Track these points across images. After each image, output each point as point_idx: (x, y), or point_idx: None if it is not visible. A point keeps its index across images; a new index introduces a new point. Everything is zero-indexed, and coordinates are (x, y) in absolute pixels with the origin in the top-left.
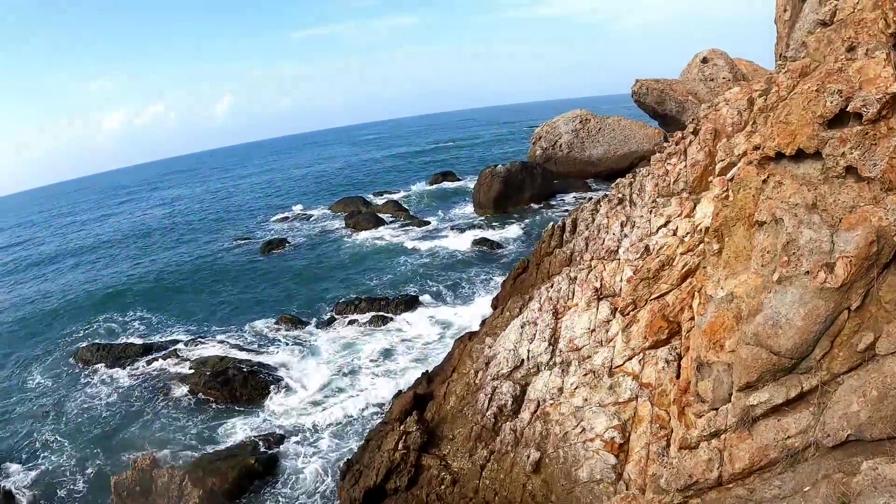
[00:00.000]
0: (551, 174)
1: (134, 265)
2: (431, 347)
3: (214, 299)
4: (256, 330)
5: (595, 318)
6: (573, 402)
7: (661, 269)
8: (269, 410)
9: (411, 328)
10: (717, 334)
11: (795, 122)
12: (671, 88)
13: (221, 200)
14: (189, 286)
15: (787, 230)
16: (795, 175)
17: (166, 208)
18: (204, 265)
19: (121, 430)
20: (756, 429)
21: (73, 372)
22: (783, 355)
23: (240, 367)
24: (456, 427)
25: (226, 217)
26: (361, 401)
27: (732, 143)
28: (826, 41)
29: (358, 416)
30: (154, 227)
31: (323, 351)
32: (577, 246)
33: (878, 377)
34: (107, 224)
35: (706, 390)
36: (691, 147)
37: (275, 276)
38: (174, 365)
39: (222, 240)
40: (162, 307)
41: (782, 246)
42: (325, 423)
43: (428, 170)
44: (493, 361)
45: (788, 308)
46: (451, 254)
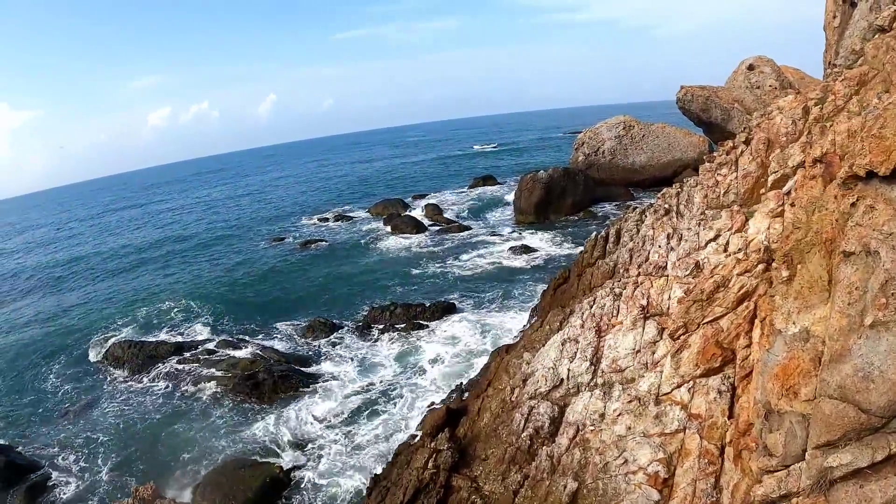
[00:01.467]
0: (594, 181)
1: (168, 263)
2: (467, 358)
3: (248, 299)
4: (289, 332)
5: (641, 339)
6: (615, 430)
7: (715, 290)
8: (298, 416)
9: (447, 337)
10: (790, 379)
11: (891, 136)
12: (717, 95)
13: (260, 200)
14: (223, 285)
15: (885, 266)
16: (890, 199)
17: (205, 207)
18: (239, 265)
19: (148, 430)
20: (833, 494)
21: (103, 368)
22: (873, 413)
23: (270, 370)
24: (489, 447)
25: (264, 216)
26: (392, 411)
27: (787, 153)
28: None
29: (388, 428)
30: (191, 225)
31: (356, 357)
32: (620, 258)
33: None
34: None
35: (776, 444)
36: (743, 157)
37: (310, 278)
38: (205, 365)
39: (259, 239)
40: (195, 306)
41: (879, 285)
42: (354, 432)
43: (469, 173)
44: (530, 379)
45: (883, 358)
46: (490, 260)
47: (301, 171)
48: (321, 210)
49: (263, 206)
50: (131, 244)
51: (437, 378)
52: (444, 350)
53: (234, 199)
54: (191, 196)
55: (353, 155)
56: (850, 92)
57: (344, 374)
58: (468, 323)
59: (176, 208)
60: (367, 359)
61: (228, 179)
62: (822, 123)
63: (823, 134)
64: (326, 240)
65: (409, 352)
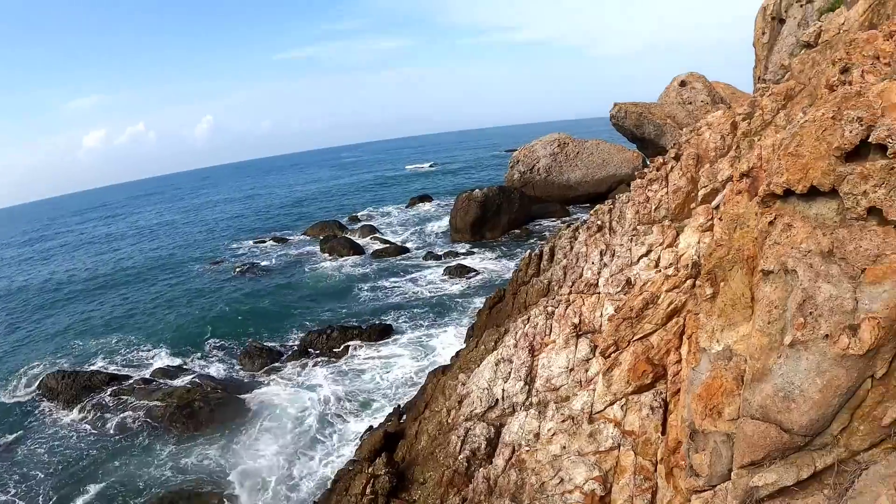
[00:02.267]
0: (529, 198)
1: (102, 288)
2: (404, 380)
3: (183, 326)
4: (225, 358)
5: (574, 357)
6: (550, 449)
7: (644, 307)
8: (235, 445)
9: (383, 359)
10: (714, 398)
11: (808, 154)
12: (649, 112)
13: (194, 224)
14: (158, 313)
15: (803, 285)
16: (807, 216)
17: (139, 230)
18: (173, 291)
19: (84, 464)
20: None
21: (33, 401)
22: (796, 433)
23: (207, 398)
24: (427, 470)
25: (199, 241)
26: (331, 437)
27: (716, 168)
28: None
29: (327, 454)
30: (124, 251)
31: (293, 382)
32: (554, 275)
33: None
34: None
35: (701, 464)
36: (673, 173)
37: (246, 302)
38: (140, 395)
39: (193, 264)
40: (129, 335)
41: (797, 304)
42: (293, 459)
43: (405, 193)
44: (466, 400)
45: (803, 378)
46: (427, 281)
47: (237, 194)
48: (257, 233)
49: (198, 229)
50: (62, 273)
51: (374, 401)
52: (381, 372)
53: (168, 223)
54: (123, 221)
55: (290, 176)
56: (777, 106)
57: (281, 400)
58: (405, 344)
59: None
60: (304, 383)
61: (163, 203)
62: (749, 138)
63: (751, 148)
64: (263, 263)
65: (345, 375)
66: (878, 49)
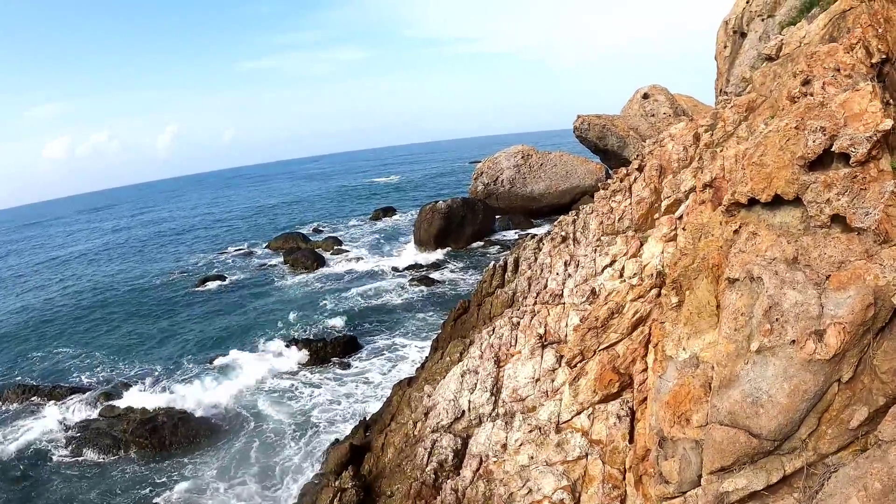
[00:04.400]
0: (493, 210)
1: (61, 300)
2: (370, 392)
3: (145, 338)
4: (188, 372)
5: (539, 367)
6: (518, 460)
7: (609, 316)
8: (201, 460)
9: (349, 371)
10: (681, 406)
11: (772, 163)
12: (612, 124)
13: (159, 235)
14: (118, 328)
15: (769, 292)
16: (772, 225)
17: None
18: (137, 303)
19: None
20: None
21: None
22: (764, 438)
23: (170, 414)
24: (395, 483)
25: (162, 253)
26: (296, 449)
27: (679, 179)
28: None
29: (293, 466)
30: (86, 261)
31: (256, 395)
32: (519, 286)
33: (882, 467)
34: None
35: (671, 471)
36: (636, 184)
37: (209, 316)
38: (99, 410)
39: (157, 277)
40: (89, 346)
41: (763, 311)
42: (260, 474)
43: (369, 205)
44: (432, 411)
45: (770, 383)
46: (391, 292)
47: (199, 205)
48: (220, 245)
49: (162, 242)
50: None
51: (340, 414)
52: (346, 385)
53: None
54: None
55: (254, 188)
56: (739, 118)
57: (245, 413)
58: (369, 356)
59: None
60: (268, 396)
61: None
62: (712, 149)
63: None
64: (225, 276)
65: (309, 387)
66: (838, 61)
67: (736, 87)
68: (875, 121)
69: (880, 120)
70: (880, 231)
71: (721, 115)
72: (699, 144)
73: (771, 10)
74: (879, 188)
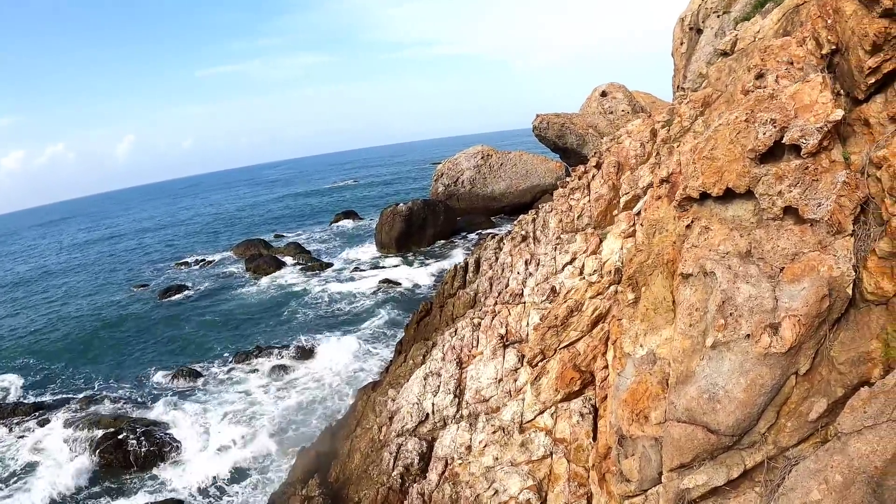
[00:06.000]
0: (454, 211)
1: (17, 315)
2: (335, 398)
3: (108, 354)
4: (152, 385)
5: (502, 368)
6: (483, 461)
7: (569, 315)
8: (166, 474)
9: (313, 377)
10: (640, 403)
11: (722, 157)
12: (571, 122)
13: (118, 245)
14: (80, 341)
15: (722, 287)
16: (724, 218)
17: (58, 254)
18: (97, 315)
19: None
20: None
21: None
22: (722, 433)
23: (134, 427)
24: (361, 488)
25: (122, 264)
26: (264, 459)
27: (636, 175)
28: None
29: (261, 477)
30: (44, 274)
31: (222, 406)
32: (481, 286)
33: (843, 459)
34: None
35: (631, 469)
36: (595, 181)
37: (172, 326)
38: (62, 427)
39: (117, 288)
40: (50, 362)
41: (717, 306)
42: (227, 484)
43: (330, 209)
44: (397, 415)
45: (727, 378)
46: (354, 296)
47: (159, 214)
48: (180, 254)
49: (122, 252)
50: None
51: (305, 420)
52: (311, 391)
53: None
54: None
55: (213, 195)
56: (696, 113)
57: (212, 425)
58: (333, 361)
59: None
60: (233, 405)
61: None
62: (669, 145)
63: (671, 155)
64: (187, 285)
65: (275, 394)
66: (791, 55)
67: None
68: (826, 111)
69: (831, 110)
70: (833, 222)
71: (677, 111)
72: (656, 140)
73: (726, 7)
74: (831, 179)
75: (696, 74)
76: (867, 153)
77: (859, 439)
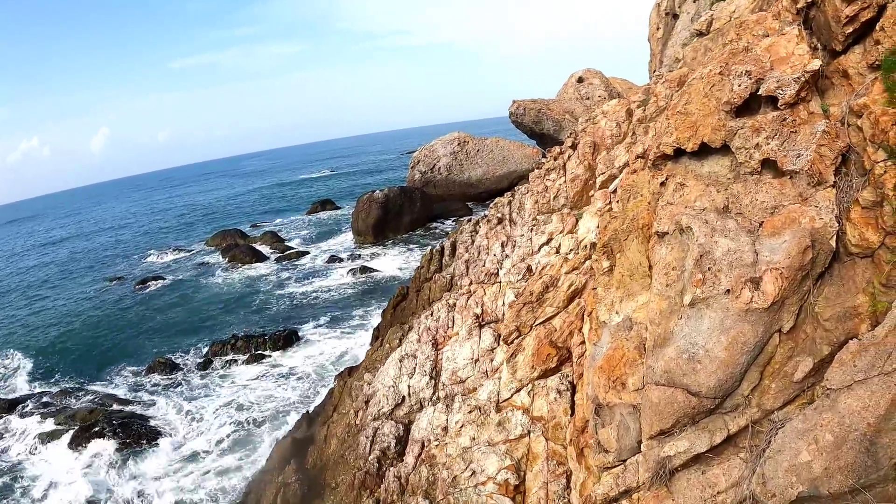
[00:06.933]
0: (431, 198)
1: None
2: (312, 385)
3: (84, 346)
4: (128, 376)
5: (478, 348)
6: (460, 442)
7: (545, 290)
8: (143, 465)
9: (291, 365)
10: (616, 370)
11: (697, 111)
12: (548, 108)
13: (94, 239)
14: (56, 334)
15: (699, 240)
16: (700, 175)
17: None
18: (72, 308)
19: None
20: (675, 484)
21: None
22: (704, 396)
23: (110, 419)
24: (339, 473)
25: (98, 257)
26: (242, 448)
27: (613, 154)
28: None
29: (238, 466)
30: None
31: (199, 395)
32: (457, 269)
33: (833, 417)
34: None
35: (609, 439)
36: (570, 161)
37: (148, 318)
38: (38, 421)
39: (93, 281)
40: (29, 358)
41: (694, 260)
42: (204, 474)
43: (307, 199)
44: (372, 399)
45: (707, 337)
46: (331, 284)
47: (135, 207)
48: (158, 246)
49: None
50: None
51: (282, 409)
52: (288, 379)
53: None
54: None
55: (190, 187)
56: (671, 93)
57: (188, 415)
58: (311, 349)
59: None
60: (210, 395)
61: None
62: (645, 124)
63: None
64: (164, 276)
65: (252, 383)
66: (767, 28)
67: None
68: (803, 62)
69: (808, 60)
70: (814, 172)
71: (653, 91)
72: (632, 120)
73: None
74: (810, 130)
75: (672, 59)
76: (847, 103)
77: (850, 395)
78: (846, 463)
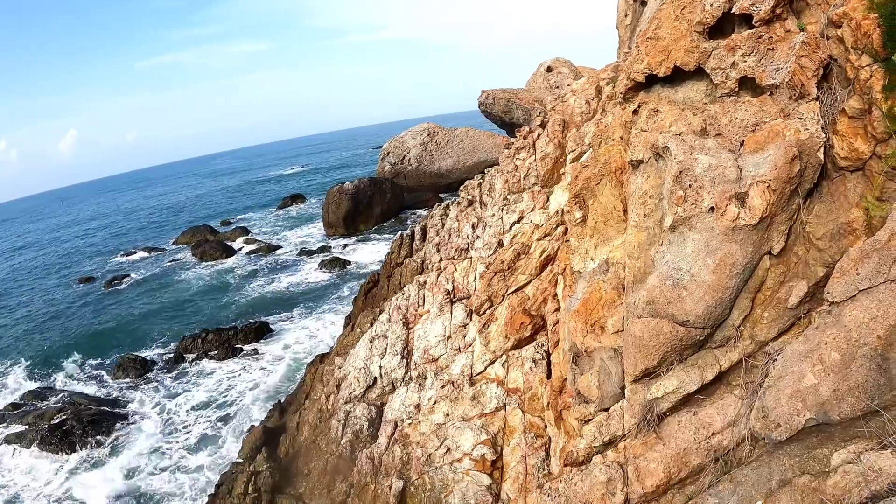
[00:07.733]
0: (401, 189)
1: None
2: (284, 375)
3: (54, 345)
4: (98, 373)
5: (450, 324)
6: (433, 419)
7: (516, 258)
8: (114, 460)
9: (262, 357)
10: (594, 313)
11: (668, 35)
12: (518, 97)
13: (64, 242)
14: (24, 334)
15: (677, 158)
16: (674, 101)
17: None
18: (40, 311)
19: None
20: (666, 429)
21: None
22: (692, 325)
23: (80, 416)
24: (311, 460)
25: (68, 259)
26: (212, 440)
27: (583, 132)
28: None
29: (209, 458)
30: None
31: (170, 390)
32: (428, 253)
33: (838, 333)
34: None
35: (589, 387)
36: (540, 140)
37: (118, 315)
38: (9, 421)
39: (62, 282)
40: None
41: (673, 177)
42: (175, 467)
43: (277, 195)
44: (343, 383)
45: (692, 261)
46: (303, 276)
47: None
48: (127, 246)
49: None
50: None
51: (255, 400)
52: (260, 370)
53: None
54: None
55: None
56: None
57: (158, 410)
58: (283, 340)
59: None
60: (180, 391)
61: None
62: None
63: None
64: (133, 275)
65: (223, 376)
66: None
67: None
68: None
69: None
70: (795, 84)
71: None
72: (601, 97)
73: None
74: (788, 46)
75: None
76: (826, 15)
77: (855, 306)
78: (857, 383)
